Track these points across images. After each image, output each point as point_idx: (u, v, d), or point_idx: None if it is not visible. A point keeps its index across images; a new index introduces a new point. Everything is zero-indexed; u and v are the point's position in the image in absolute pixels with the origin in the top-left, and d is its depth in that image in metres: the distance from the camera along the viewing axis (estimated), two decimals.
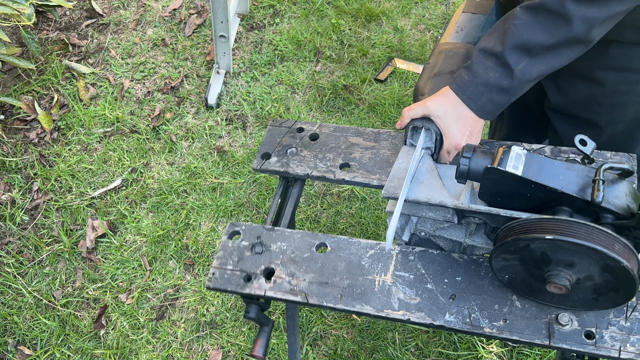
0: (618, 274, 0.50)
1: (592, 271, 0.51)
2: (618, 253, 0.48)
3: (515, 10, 0.56)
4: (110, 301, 1.16)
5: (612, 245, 0.48)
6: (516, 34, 0.55)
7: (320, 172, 0.73)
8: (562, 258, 0.52)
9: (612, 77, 0.66)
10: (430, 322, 0.59)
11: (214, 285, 0.65)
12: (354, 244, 0.66)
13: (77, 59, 1.60)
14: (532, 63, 0.55)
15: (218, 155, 1.37)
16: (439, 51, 0.69)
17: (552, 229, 0.50)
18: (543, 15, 0.54)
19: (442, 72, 0.66)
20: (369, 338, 1.06)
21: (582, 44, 0.55)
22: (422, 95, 0.65)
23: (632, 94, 0.67)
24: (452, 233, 0.64)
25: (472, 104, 0.59)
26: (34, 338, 1.13)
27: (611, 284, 0.52)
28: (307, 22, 1.62)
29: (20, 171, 1.38)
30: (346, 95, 1.45)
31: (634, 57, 0.63)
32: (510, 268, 0.56)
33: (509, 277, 0.57)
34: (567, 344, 0.56)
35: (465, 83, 0.58)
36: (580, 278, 0.53)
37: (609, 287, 0.52)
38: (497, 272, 0.58)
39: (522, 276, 0.56)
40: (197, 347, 1.10)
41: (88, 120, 1.45)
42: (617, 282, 0.51)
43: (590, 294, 0.54)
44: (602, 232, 0.49)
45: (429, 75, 0.67)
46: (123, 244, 1.25)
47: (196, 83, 1.53)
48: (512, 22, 0.55)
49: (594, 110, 0.70)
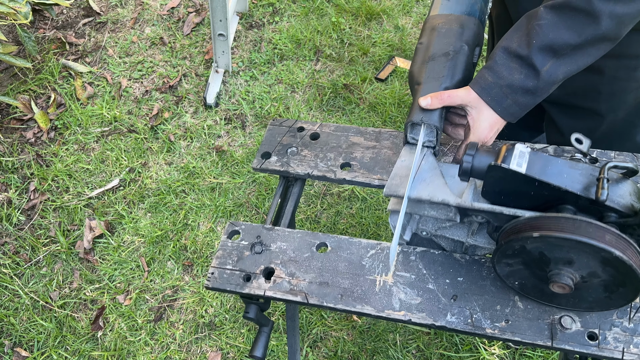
0: (617, 267, 0.49)
1: (592, 266, 0.50)
2: (609, 244, 0.47)
3: (539, 10, 0.54)
4: (107, 302, 1.15)
5: (602, 236, 0.48)
6: (541, 35, 0.53)
7: (321, 171, 0.72)
8: (558, 256, 0.51)
9: (610, 64, 0.64)
10: (431, 322, 0.59)
11: (213, 285, 0.64)
12: (355, 244, 0.65)
13: (74, 57, 1.59)
14: (558, 63, 0.54)
15: (217, 155, 1.37)
16: (431, 27, 0.64)
17: (539, 226, 0.50)
18: (569, 14, 0.52)
19: (437, 54, 0.62)
20: (369, 339, 1.06)
21: (610, 42, 0.53)
22: (418, 84, 0.61)
23: (632, 80, 0.66)
24: (454, 232, 0.63)
25: (497, 106, 0.57)
26: (31, 340, 1.12)
27: (616, 279, 0.51)
28: (306, 21, 1.61)
29: (16, 171, 1.37)
30: (346, 94, 1.44)
31: (631, 43, 0.61)
32: (516, 273, 0.56)
33: (519, 283, 0.57)
34: (569, 345, 0.56)
35: (490, 85, 0.56)
36: (584, 276, 0.52)
37: (616, 282, 0.51)
38: (506, 280, 0.57)
39: (532, 281, 0.56)
40: (196, 348, 1.09)
41: (85, 120, 1.44)
42: (620, 275, 0.50)
43: (601, 292, 0.53)
44: (591, 224, 0.48)
45: (423, 59, 0.63)
46: (121, 244, 1.24)
47: (195, 82, 1.52)
48: (537, 22, 0.53)
49: (594, 98, 0.69)
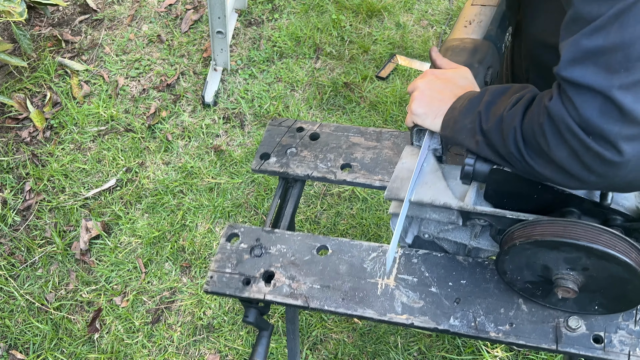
0: (622, 271, 0.48)
1: (597, 270, 0.50)
2: (614, 248, 0.47)
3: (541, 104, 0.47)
4: (104, 304, 1.14)
5: (607, 240, 0.47)
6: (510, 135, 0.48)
7: (321, 172, 0.71)
8: (563, 260, 0.50)
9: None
10: (434, 326, 0.58)
11: (212, 289, 0.63)
12: (356, 247, 0.64)
13: (71, 55, 1.57)
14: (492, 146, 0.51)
15: (215, 155, 1.35)
16: (445, 49, 0.67)
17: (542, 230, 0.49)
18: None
19: None
20: (370, 342, 1.05)
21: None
22: None
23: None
24: (457, 235, 0.62)
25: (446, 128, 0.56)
26: (26, 342, 1.11)
27: (621, 282, 0.50)
28: (306, 18, 1.59)
29: (12, 171, 1.35)
30: (347, 93, 1.43)
31: None
32: (519, 277, 0.55)
33: (523, 287, 0.56)
34: (575, 349, 0.55)
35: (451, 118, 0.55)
36: (589, 279, 0.51)
37: (621, 286, 0.51)
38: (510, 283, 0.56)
39: (536, 285, 0.55)
40: (194, 351, 1.08)
41: (82, 119, 1.42)
42: (625, 279, 0.49)
43: (606, 295, 0.53)
44: (596, 228, 0.47)
45: None
46: (118, 245, 1.22)
47: (193, 80, 1.50)
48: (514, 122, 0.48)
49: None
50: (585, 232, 0.48)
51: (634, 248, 0.48)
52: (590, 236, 0.48)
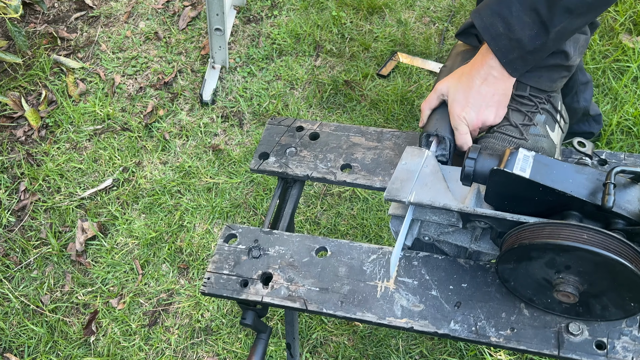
0: (625, 276, 0.47)
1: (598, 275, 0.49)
2: (615, 252, 0.46)
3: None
4: (100, 306, 1.13)
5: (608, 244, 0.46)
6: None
7: (321, 173, 0.70)
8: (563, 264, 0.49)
9: None
10: (434, 330, 0.57)
11: (209, 290, 0.62)
12: (355, 249, 0.63)
13: (66, 53, 1.55)
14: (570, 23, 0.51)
15: (213, 154, 1.34)
16: (456, 53, 0.67)
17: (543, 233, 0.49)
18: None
19: None
20: (371, 345, 1.04)
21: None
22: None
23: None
24: (457, 238, 0.61)
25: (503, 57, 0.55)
26: (21, 345, 1.09)
27: (623, 288, 0.49)
28: (306, 15, 1.57)
29: (6, 170, 1.33)
30: (347, 91, 1.41)
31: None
32: (520, 282, 0.54)
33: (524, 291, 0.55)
34: (577, 355, 0.54)
35: (500, 35, 0.53)
36: (590, 284, 0.50)
37: (624, 292, 0.50)
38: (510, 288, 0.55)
39: (537, 289, 0.54)
40: (192, 354, 1.07)
41: (77, 118, 1.40)
42: (628, 284, 0.48)
43: (609, 301, 0.52)
44: (597, 232, 0.47)
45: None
46: (114, 246, 1.21)
47: (190, 78, 1.48)
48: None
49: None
50: (586, 237, 0.47)
51: (636, 252, 0.47)
52: (591, 240, 0.47)
